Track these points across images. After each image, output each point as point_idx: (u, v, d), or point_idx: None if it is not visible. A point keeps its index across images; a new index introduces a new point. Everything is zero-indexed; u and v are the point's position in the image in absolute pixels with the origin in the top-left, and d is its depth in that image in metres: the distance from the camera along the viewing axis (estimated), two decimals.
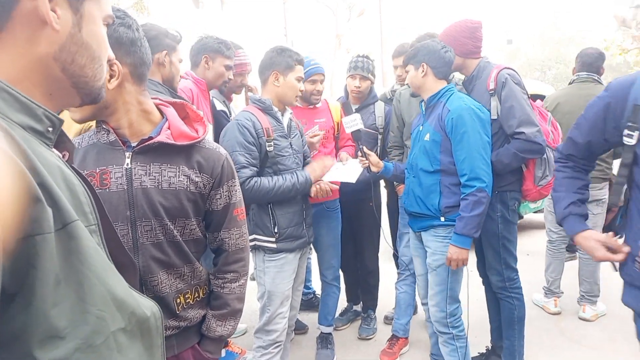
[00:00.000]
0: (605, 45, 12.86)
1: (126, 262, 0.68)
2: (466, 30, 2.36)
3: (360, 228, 3.09)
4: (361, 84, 2.94)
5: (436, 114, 2.19)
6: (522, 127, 2.20)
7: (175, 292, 1.21)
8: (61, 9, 0.61)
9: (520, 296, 2.49)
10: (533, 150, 2.22)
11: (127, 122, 1.14)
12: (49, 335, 0.50)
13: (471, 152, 2.07)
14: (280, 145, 2.13)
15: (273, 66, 2.13)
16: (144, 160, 1.15)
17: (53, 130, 0.61)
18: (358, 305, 3.39)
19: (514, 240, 2.45)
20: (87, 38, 0.65)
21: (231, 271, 1.33)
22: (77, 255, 0.54)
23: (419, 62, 2.20)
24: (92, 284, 0.55)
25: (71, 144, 0.70)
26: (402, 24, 23.57)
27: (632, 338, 2.93)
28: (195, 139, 1.20)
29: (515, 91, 2.24)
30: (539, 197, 2.42)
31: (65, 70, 0.63)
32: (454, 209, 2.15)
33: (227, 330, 1.32)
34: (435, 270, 2.23)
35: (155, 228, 1.16)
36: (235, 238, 1.33)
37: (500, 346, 2.68)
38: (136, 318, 0.62)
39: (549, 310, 3.39)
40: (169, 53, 1.87)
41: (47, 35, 0.60)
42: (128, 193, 1.14)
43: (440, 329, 2.27)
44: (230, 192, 1.29)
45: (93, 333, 0.54)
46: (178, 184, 1.17)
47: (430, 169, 2.17)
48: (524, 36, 26.54)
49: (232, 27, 12.09)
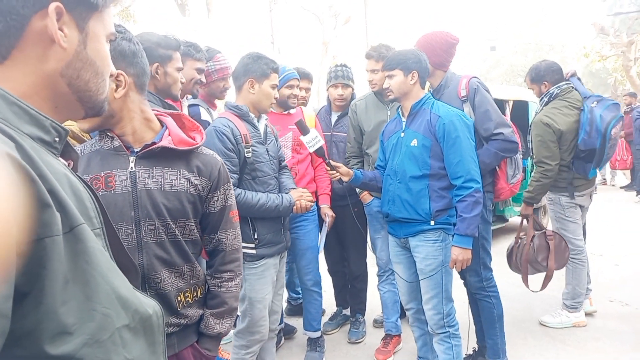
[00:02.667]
0: (584, 52, 13.20)
1: (128, 265, 0.71)
2: (445, 44, 2.47)
3: (345, 233, 3.13)
4: (343, 91, 3.04)
5: (423, 120, 2.23)
6: (500, 128, 2.35)
7: (177, 290, 1.27)
8: (68, 28, 0.65)
9: (497, 294, 2.59)
10: (511, 149, 2.38)
11: (131, 130, 1.23)
12: (58, 332, 0.53)
13: (464, 155, 2.14)
14: (258, 151, 2.13)
15: (248, 73, 2.13)
16: (147, 164, 1.23)
17: (59, 140, 0.65)
18: (347, 310, 3.42)
19: (490, 240, 2.57)
20: (91, 55, 0.69)
21: (228, 270, 1.40)
22: (84, 256, 0.57)
23: (410, 69, 2.22)
24: (97, 283, 0.58)
25: (76, 153, 0.74)
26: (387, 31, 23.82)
27: (616, 337, 3.02)
28: (194, 145, 1.27)
29: (488, 97, 2.41)
30: (510, 194, 2.53)
31: (71, 85, 0.68)
32: (442, 213, 2.21)
33: (225, 327, 1.38)
34: (428, 274, 2.25)
35: (158, 227, 1.23)
36: (231, 239, 1.41)
37: (485, 346, 2.73)
38: (139, 316, 0.65)
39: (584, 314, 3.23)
40: (162, 64, 1.83)
41: (55, 52, 0.64)
42: (132, 195, 1.21)
43: (438, 330, 2.29)
44: (226, 195, 1.38)
45: (99, 329, 0.57)
46: (179, 186, 1.25)
47: (419, 174, 2.20)
48: (506, 44, 27.04)
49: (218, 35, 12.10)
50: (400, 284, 2.47)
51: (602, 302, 3.46)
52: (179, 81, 1.91)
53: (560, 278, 3.42)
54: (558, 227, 3.15)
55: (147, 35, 1.81)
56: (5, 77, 0.62)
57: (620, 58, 11.89)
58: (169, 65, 1.85)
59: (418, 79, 2.23)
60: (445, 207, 2.21)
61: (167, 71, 1.85)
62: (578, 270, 3.15)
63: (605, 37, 12.36)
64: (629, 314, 3.35)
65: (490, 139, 2.37)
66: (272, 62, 2.17)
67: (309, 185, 2.81)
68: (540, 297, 3.69)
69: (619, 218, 6.51)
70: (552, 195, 3.13)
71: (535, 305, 3.55)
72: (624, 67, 11.87)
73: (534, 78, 3.17)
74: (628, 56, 11.38)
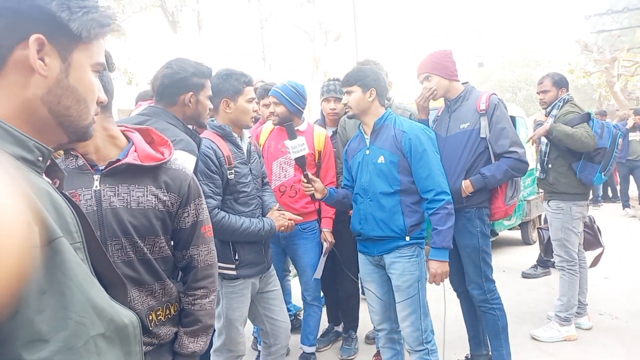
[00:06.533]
0: (569, 68, 13.47)
1: (115, 280, 0.73)
2: (445, 55, 2.55)
3: (339, 251, 3.11)
4: (336, 105, 3.06)
5: (387, 136, 2.24)
6: (514, 147, 2.41)
7: (147, 309, 1.25)
8: (50, 58, 0.69)
9: (501, 306, 2.59)
10: (522, 170, 2.45)
11: (94, 148, 1.21)
12: (33, 339, 0.55)
13: (433, 168, 2.17)
14: (241, 172, 2.10)
15: (221, 94, 2.06)
16: (112, 182, 1.20)
17: (43, 159, 0.68)
18: (339, 326, 3.40)
19: (490, 253, 2.59)
20: (73, 83, 0.72)
21: (201, 287, 1.37)
22: (61, 268, 0.59)
23: (368, 86, 2.22)
24: (73, 293, 0.61)
25: (62, 172, 0.77)
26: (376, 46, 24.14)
27: (606, 350, 3.03)
28: (161, 160, 1.25)
29: (506, 115, 2.48)
30: (504, 215, 2.58)
31: (51, 111, 0.71)
32: (416, 227, 2.22)
33: (200, 346, 1.35)
34: (405, 290, 2.22)
35: (125, 247, 1.20)
36: (204, 255, 1.37)
37: (478, 355, 2.74)
38: (115, 325, 0.67)
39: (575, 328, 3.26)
40: (195, 93, 1.78)
41: (35, 80, 0.68)
42: (97, 214, 1.18)
43: (416, 347, 2.24)
44: (198, 210, 1.34)
45: (73, 337, 0.59)
46: (146, 203, 1.22)
47: (390, 190, 2.20)
48: (494, 60, 27.54)
49: (209, 52, 12.19)
50: (374, 304, 2.39)
51: (592, 315, 3.48)
52: (208, 109, 1.88)
53: (550, 292, 3.44)
54: (561, 237, 3.20)
55: (183, 63, 1.77)
56: None
57: (604, 74, 12.16)
58: (201, 94, 1.80)
59: (376, 96, 2.25)
60: (418, 222, 2.22)
61: (199, 99, 1.80)
62: (573, 281, 3.19)
63: (589, 54, 12.64)
64: (619, 327, 3.36)
65: (503, 156, 2.42)
66: (242, 76, 2.10)
67: (308, 205, 2.78)
68: (530, 311, 3.71)
69: (607, 231, 6.58)
70: (563, 205, 3.18)
71: (526, 319, 3.56)
72: (607, 83, 12.13)
73: (557, 82, 3.32)
74: (611, 72, 11.64)
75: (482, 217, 2.50)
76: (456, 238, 2.53)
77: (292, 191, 2.77)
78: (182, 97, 1.75)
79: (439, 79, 2.50)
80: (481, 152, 2.45)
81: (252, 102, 2.15)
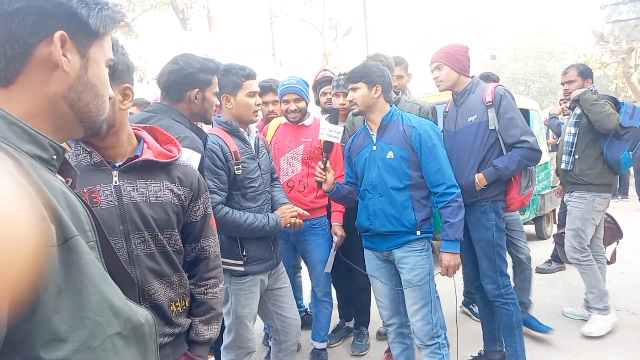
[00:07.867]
0: (584, 60, 13.21)
1: (125, 279, 0.73)
2: (461, 50, 2.53)
3: (350, 246, 3.10)
4: (345, 100, 3.01)
5: (395, 131, 2.23)
6: (525, 136, 2.37)
7: (168, 300, 1.29)
8: (71, 54, 0.70)
9: (515, 301, 2.56)
10: (535, 158, 2.41)
11: (116, 143, 1.24)
12: (51, 339, 0.55)
13: (442, 163, 2.19)
14: (249, 167, 2.09)
15: (221, 89, 2.01)
16: (130, 178, 1.23)
17: (57, 157, 0.69)
18: (350, 322, 3.39)
19: (505, 247, 2.56)
20: (92, 78, 0.74)
21: (212, 277, 1.44)
22: (77, 267, 0.59)
23: (374, 82, 2.21)
24: (90, 292, 0.60)
25: (74, 171, 0.78)
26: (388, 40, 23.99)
27: (624, 346, 2.97)
28: (173, 157, 1.30)
29: (514, 104, 2.43)
30: (521, 206, 2.51)
31: (72, 107, 0.72)
32: (426, 222, 2.24)
33: (214, 332, 1.42)
34: (417, 285, 2.22)
35: (147, 239, 1.24)
36: (213, 246, 1.45)
37: (492, 351, 2.70)
38: (131, 324, 0.67)
39: None
40: (202, 90, 1.75)
41: (57, 76, 0.69)
42: (120, 208, 1.21)
43: (427, 341, 2.24)
44: (206, 204, 1.42)
45: (90, 336, 0.59)
46: (164, 197, 1.27)
47: (401, 185, 2.20)
48: (507, 52, 27.17)
49: (220, 48, 12.21)
50: (382, 299, 2.39)
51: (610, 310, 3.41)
52: (214, 105, 1.85)
53: (565, 287, 3.38)
54: (578, 226, 3.17)
55: (189, 59, 1.74)
56: (9, 99, 0.66)
57: (621, 65, 11.89)
58: (207, 90, 1.77)
59: (382, 92, 2.24)
60: (427, 216, 2.24)
61: (206, 96, 1.77)
62: (594, 270, 3.17)
63: (605, 45, 12.38)
64: (637, 323, 3.30)
65: (514, 146, 2.38)
66: (241, 70, 2.06)
67: (317, 199, 2.77)
68: (546, 307, 3.65)
69: (623, 226, 6.46)
70: (588, 195, 3.14)
71: (540, 314, 3.50)
72: (624, 74, 11.86)
73: (583, 72, 3.27)
74: (628, 63, 11.37)
75: (497, 210, 2.47)
76: (471, 232, 2.51)
77: (300, 186, 2.76)
78: (188, 94, 1.74)
79: (449, 70, 2.48)
80: (492, 144, 2.42)
81: (255, 96, 2.11)
